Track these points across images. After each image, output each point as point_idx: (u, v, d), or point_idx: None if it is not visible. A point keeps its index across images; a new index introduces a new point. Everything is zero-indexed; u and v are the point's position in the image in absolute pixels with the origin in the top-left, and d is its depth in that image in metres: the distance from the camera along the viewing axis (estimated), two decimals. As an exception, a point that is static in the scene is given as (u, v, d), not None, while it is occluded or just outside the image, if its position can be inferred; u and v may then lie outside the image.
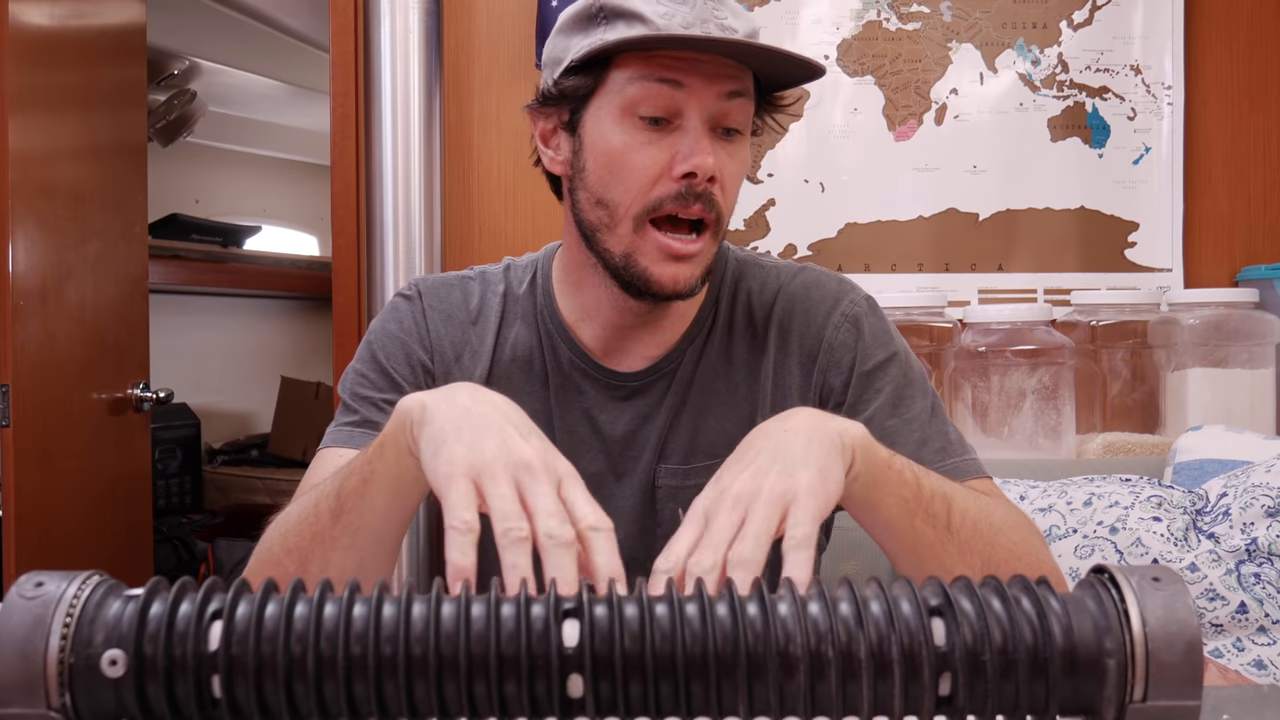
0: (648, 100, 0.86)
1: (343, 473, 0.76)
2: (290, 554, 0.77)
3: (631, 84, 0.86)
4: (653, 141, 0.86)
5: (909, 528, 0.75)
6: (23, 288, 1.81)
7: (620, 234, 0.89)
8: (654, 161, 0.86)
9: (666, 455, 0.96)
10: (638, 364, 0.97)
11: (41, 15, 1.91)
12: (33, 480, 1.83)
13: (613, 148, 0.88)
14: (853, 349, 0.95)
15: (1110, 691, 0.46)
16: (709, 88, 0.86)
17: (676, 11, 0.84)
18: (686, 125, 0.86)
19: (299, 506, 0.80)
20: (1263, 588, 1.40)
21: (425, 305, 1.00)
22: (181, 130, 3.59)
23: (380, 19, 1.84)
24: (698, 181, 0.85)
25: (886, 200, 2.03)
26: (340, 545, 0.75)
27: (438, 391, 0.70)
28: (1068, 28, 2.01)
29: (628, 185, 0.87)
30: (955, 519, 0.76)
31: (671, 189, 0.86)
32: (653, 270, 0.88)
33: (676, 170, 0.86)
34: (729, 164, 0.88)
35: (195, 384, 3.43)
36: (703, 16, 0.85)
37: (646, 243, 0.88)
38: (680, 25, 0.84)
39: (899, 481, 0.74)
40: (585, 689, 0.45)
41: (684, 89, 0.85)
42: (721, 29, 0.85)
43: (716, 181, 0.87)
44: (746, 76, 0.88)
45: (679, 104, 0.86)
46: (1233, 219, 2.02)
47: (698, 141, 0.85)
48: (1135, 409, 1.91)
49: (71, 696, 0.45)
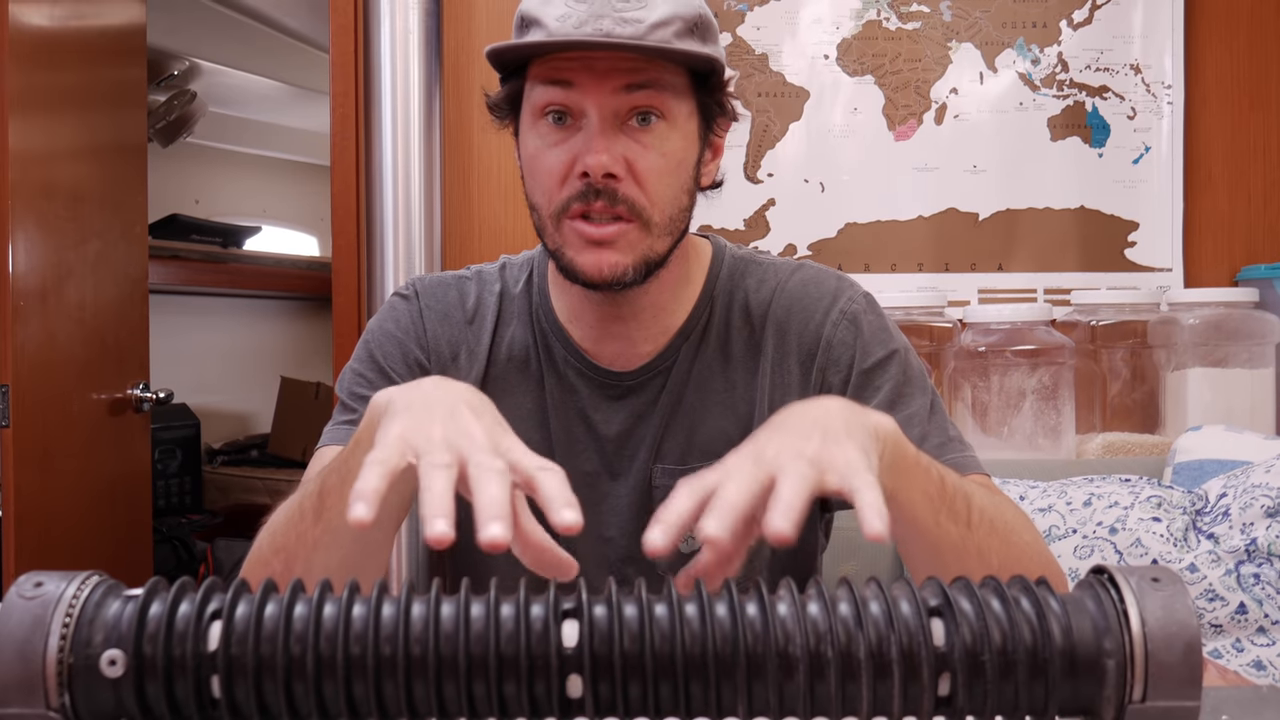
0: (547, 102, 0.88)
1: (325, 471, 0.76)
2: (278, 554, 0.77)
3: (535, 89, 0.89)
4: (558, 142, 0.88)
5: (933, 524, 0.74)
6: (23, 288, 1.81)
7: (549, 232, 0.91)
8: (558, 162, 0.88)
9: (662, 455, 0.96)
10: (632, 363, 0.97)
11: (41, 15, 1.91)
12: (33, 480, 1.83)
13: (529, 152, 0.91)
14: (852, 346, 0.95)
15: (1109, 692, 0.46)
16: (603, 85, 0.86)
17: (573, 13, 0.85)
18: (585, 124, 0.87)
19: (287, 505, 0.80)
20: (1262, 588, 1.40)
21: (422, 305, 1.01)
22: (181, 130, 3.59)
23: (380, 19, 1.84)
24: (594, 179, 0.86)
25: (886, 200, 2.03)
26: (322, 544, 0.75)
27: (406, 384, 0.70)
28: (1067, 27, 2.01)
29: (542, 188, 0.90)
30: (975, 517, 0.76)
31: (576, 188, 0.87)
32: (577, 260, 0.89)
33: (575, 169, 0.87)
34: (643, 155, 0.87)
35: (195, 384, 3.43)
36: (599, 12, 0.85)
37: (566, 234, 0.89)
38: (573, 25, 0.85)
39: (925, 477, 0.73)
40: (584, 689, 0.45)
41: (575, 88, 0.86)
42: (619, 21, 0.85)
43: (622, 178, 0.86)
44: (653, 66, 0.87)
45: (575, 103, 0.87)
46: (1233, 218, 2.02)
47: (589, 140, 0.86)
48: (1135, 409, 1.91)
49: (71, 696, 0.45)
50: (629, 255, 0.89)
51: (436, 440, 0.60)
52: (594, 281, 0.89)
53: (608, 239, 0.88)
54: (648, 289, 0.93)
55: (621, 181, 0.87)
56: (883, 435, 0.68)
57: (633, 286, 0.90)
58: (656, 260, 0.91)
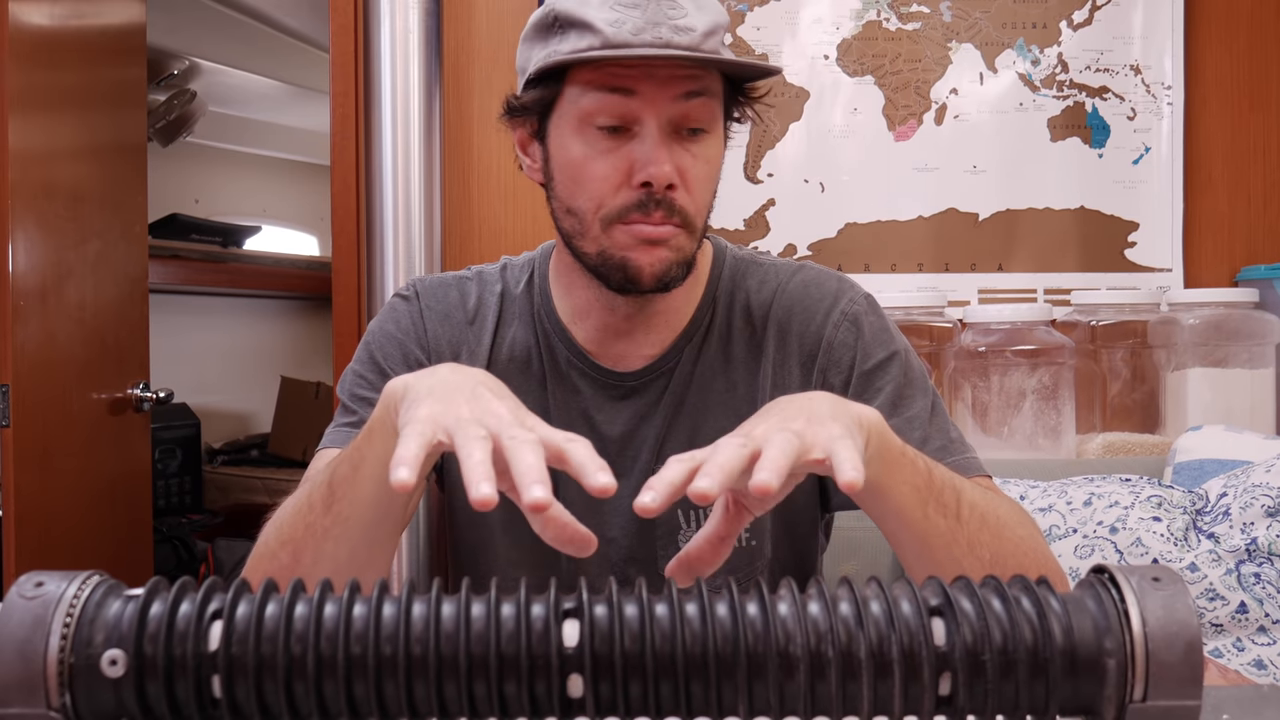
0: (602, 111, 0.86)
1: (335, 462, 0.76)
2: (285, 546, 0.77)
3: (585, 95, 0.87)
4: (611, 150, 0.87)
5: (921, 516, 0.74)
6: (23, 288, 1.81)
7: (592, 237, 0.90)
8: (614, 170, 0.87)
9: (665, 456, 0.96)
10: (635, 363, 0.97)
11: (41, 15, 1.91)
12: (33, 480, 1.83)
13: (573, 159, 0.89)
14: (853, 348, 0.95)
15: (1110, 691, 0.46)
16: (662, 92, 0.85)
17: (627, 18, 0.84)
18: (643, 133, 0.86)
19: (294, 499, 0.80)
20: (1263, 587, 1.40)
21: (423, 305, 1.01)
22: (181, 130, 3.59)
23: (380, 19, 1.84)
24: (656, 190, 0.86)
25: (886, 200, 2.03)
26: (331, 535, 0.75)
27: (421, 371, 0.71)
28: (1067, 28, 2.01)
29: (590, 194, 0.88)
30: (964, 510, 0.76)
31: (632, 197, 0.86)
32: (630, 256, 0.88)
33: (635, 179, 0.86)
34: (693, 165, 0.88)
35: (195, 384, 3.43)
36: (654, 19, 0.84)
37: (618, 236, 0.88)
38: (630, 32, 0.83)
39: (911, 469, 0.74)
40: (585, 689, 0.45)
41: (637, 96, 0.85)
42: (675, 30, 0.84)
43: (677, 187, 0.86)
44: (706, 75, 0.87)
45: (634, 111, 0.86)
46: (1233, 219, 2.02)
47: (653, 150, 0.85)
48: (1135, 409, 1.91)
49: (71, 696, 0.45)
50: (676, 255, 0.89)
51: (466, 418, 0.60)
52: (644, 279, 0.88)
53: (663, 237, 0.87)
54: (670, 293, 0.93)
55: (677, 192, 0.87)
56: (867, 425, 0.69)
57: (674, 288, 0.91)
58: (692, 262, 0.92)
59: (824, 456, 0.61)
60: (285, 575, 0.50)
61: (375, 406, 0.71)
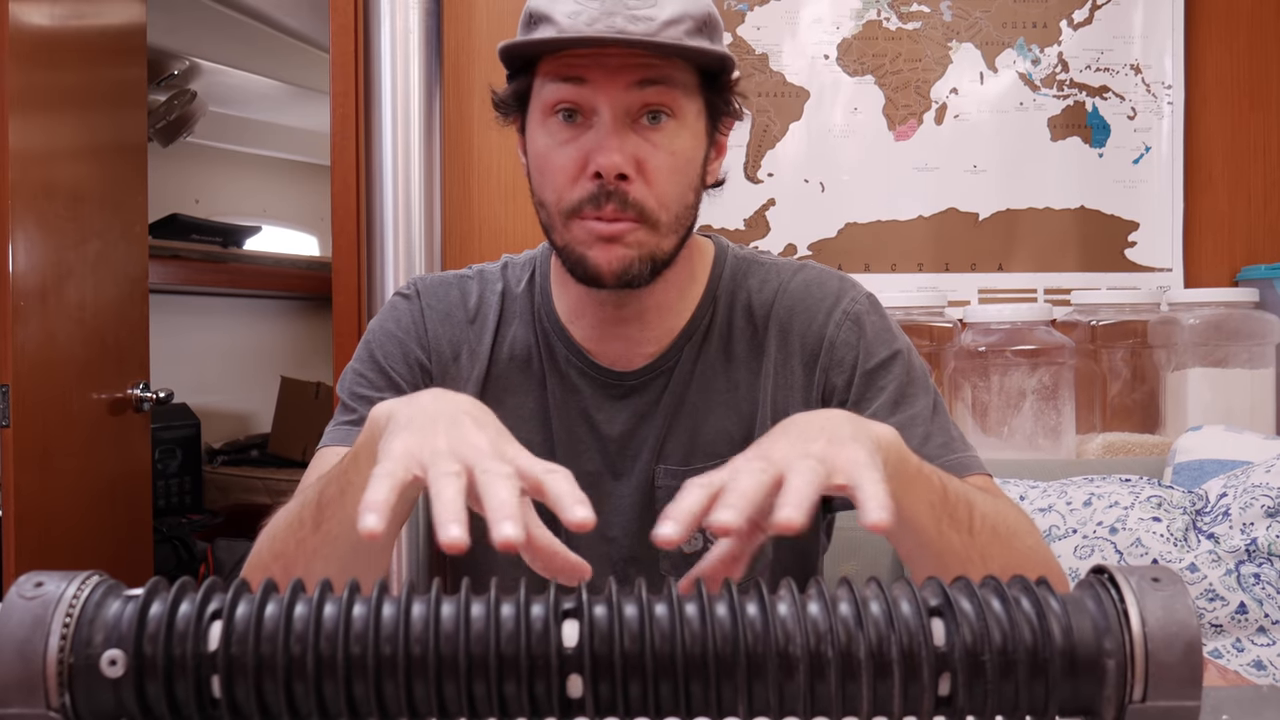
0: (559, 99, 0.87)
1: (325, 479, 0.76)
2: (277, 559, 0.77)
3: (546, 85, 0.88)
4: (569, 140, 0.88)
5: (936, 534, 0.74)
6: (23, 288, 1.81)
7: (557, 229, 0.90)
8: (570, 161, 0.87)
9: (665, 455, 0.96)
10: (635, 362, 0.97)
11: (41, 15, 1.91)
12: (33, 480, 1.83)
13: (539, 150, 0.90)
14: (855, 347, 0.95)
15: (1110, 692, 0.46)
16: (614, 81, 0.85)
17: (584, 9, 0.85)
18: (596, 122, 0.87)
19: (287, 511, 0.80)
20: (1262, 588, 1.40)
21: (423, 304, 1.00)
22: (181, 130, 3.59)
23: (380, 19, 1.84)
24: (606, 180, 0.86)
25: (886, 200, 2.03)
26: (321, 554, 0.75)
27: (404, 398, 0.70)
28: (1068, 27, 2.01)
29: (552, 185, 0.89)
30: (977, 523, 0.76)
31: (587, 189, 0.87)
32: (588, 255, 0.88)
33: (588, 170, 0.86)
34: (653, 154, 0.87)
35: (195, 384, 3.43)
36: (610, 10, 0.85)
37: (576, 231, 0.89)
38: (585, 22, 0.84)
39: (927, 486, 0.73)
40: (585, 689, 0.45)
41: (588, 84, 0.86)
42: (631, 19, 0.84)
43: (633, 179, 0.86)
44: (665, 64, 0.87)
45: (586, 99, 0.86)
46: (1233, 218, 2.02)
47: (603, 138, 0.86)
48: (1135, 409, 1.91)
49: (71, 696, 0.45)
50: (635, 252, 0.88)
51: (442, 451, 0.60)
52: (603, 276, 0.88)
53: (617, 234, 0.87)
54: (653, 289, 0.93)
55: (632, 183, 0.86)
56: (885, 444, 0.68)
57: (640, 285, 0.90)
58: (664, 259, 0.91)
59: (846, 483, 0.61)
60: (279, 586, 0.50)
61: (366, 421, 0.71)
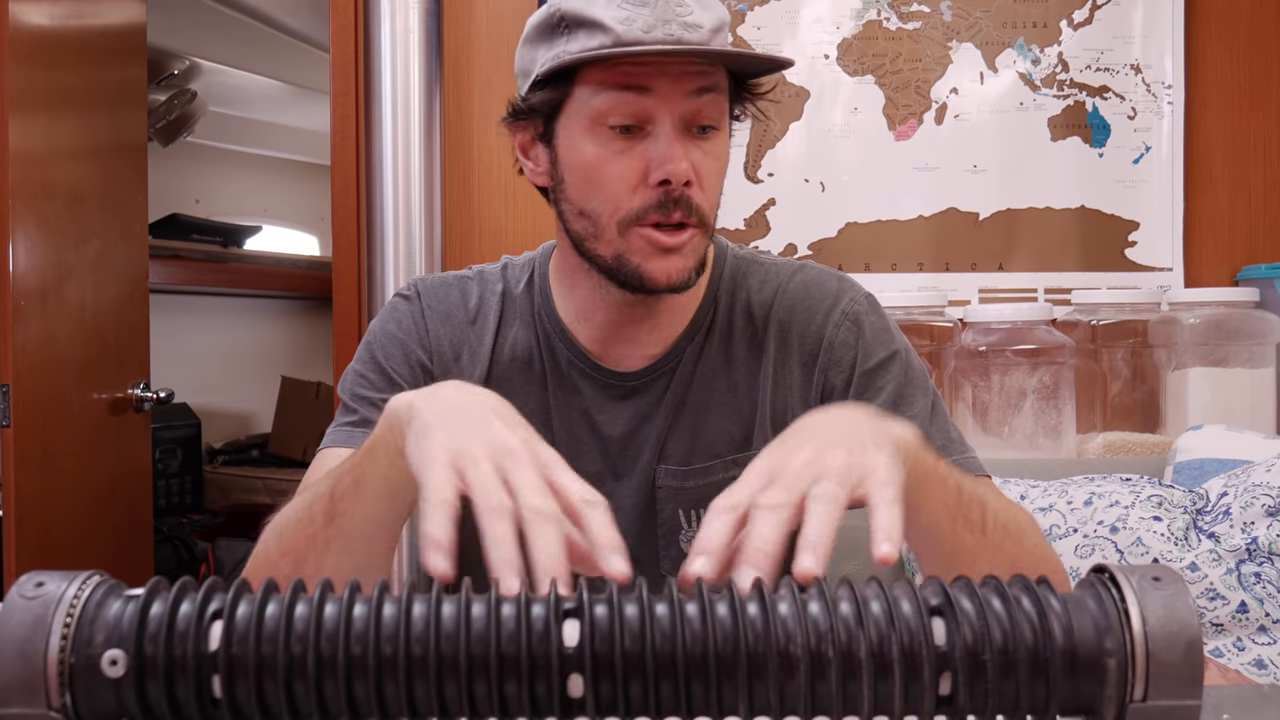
0: (616, 110, 0.85)
1: (336, 473, 0.76)
2: (285, 555, 0.77)
3: (598, 94, 0.85)
4: (626, 150, 0.86)
5: (951, 533, 0.74)
6: (23, 288, 1.81)
7: (607, 239, 0.89)
8: (630, 170, 0.86)
9: (666, 456, 0.96)
10: (636, 363, 0.97)
11: (41, 15, 1.90)
12: (33, 480, 1.83)
13: (586, 160, 0.87)
14: (854, 347, 0.95)
15: (1110, 691, 0.46)
16: (675, 89, 0.84)
17: (637, 15, 0.83)
18: (657, 131, 0.85)
19: (294, 507, 0.79)
20: (1263, 587, 1.40)
21: (424, 305, 1.00)
22: (181, 130, 3.59)
23: (380, 19, 1.84)
24: (674, 188, 0.85)
25: (886, 200, 2.03)
26: (333, 547, 0.75)
27: (424, 389, 0.70)
28: (1068, 27, 2.01)
29: (606, 196, 0.87)
30: (989, 522, 0.76)
31: (650, 197, 0.86)
32: (645, 266, 0.88)
33: (652, 178, 0.85)
34: (705, 162, 0.87)
35: (195, 384, 3.43)
36: (664, 16, 0.83)
37: (634, 241, 0.88)
38: (641, 29, 0.83)
39: (943, 487, 0.73)
40: (585, 689, 0.45)
41: (650, 94, 0.84)
42: (684, 26, 0.84)
43: (694, 184, 0.86)
44: (716, 71, 0.87)
45: (647, 110, 0.85)
46: (1233, 218, 2.02)
47: (669, 147, 0.84)
48: (1135, 409, 1.91)
49: (72, 696, 0.45)
50: (691, 259, 0.89)
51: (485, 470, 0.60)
52: (660, 288, 0.88)
53: (678, 245, 0.87)
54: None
55: (693, 189, 0.86)
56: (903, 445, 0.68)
57: (687, 290, 0.91)
58: (705, 263, 0.92)
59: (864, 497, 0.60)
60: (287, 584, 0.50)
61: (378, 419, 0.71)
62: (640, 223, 0.87)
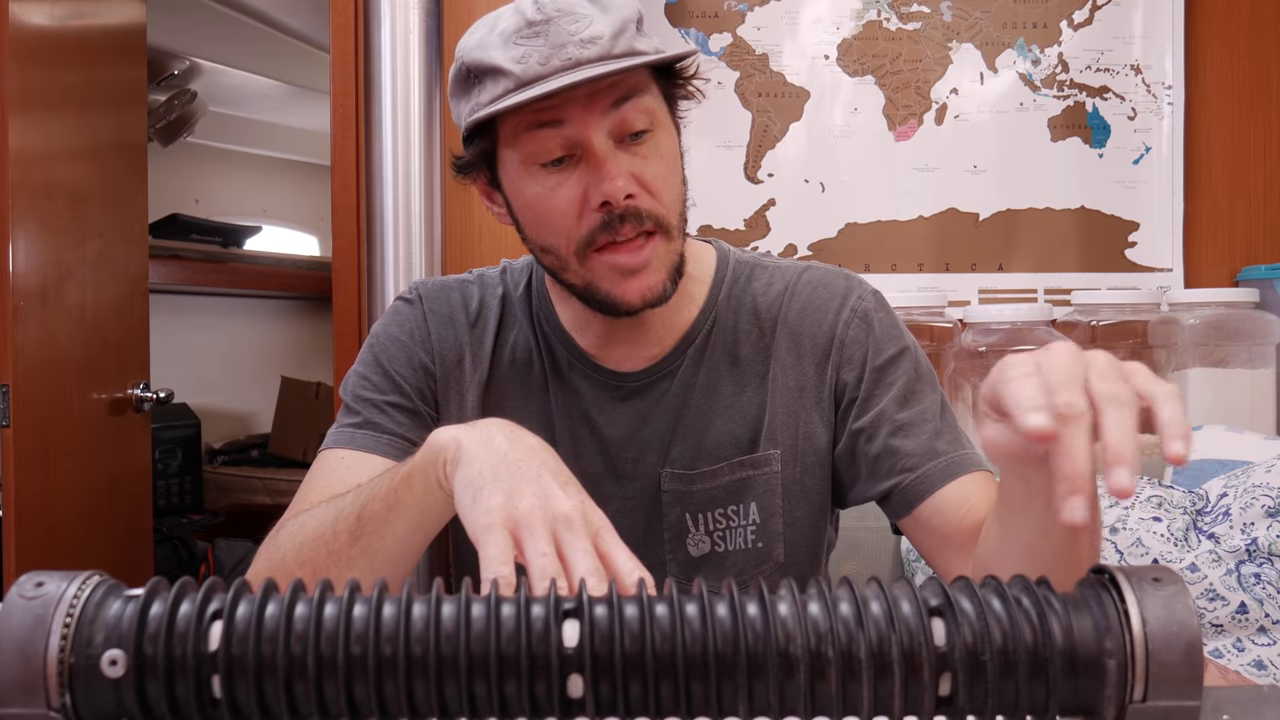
0: (540, 149, 0.86)
1: (364, 495, 0.76)
2: (304, 566, 0.77)
3: (519, 138, 0.86)
4: (562, 182, 0.86)
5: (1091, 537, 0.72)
6: (23, 288, 1.81)
7: (573, 269, 0.89)
8: (569, 201, 0.86)
9: (671, 459, 0.96)
10: (637, 364, 0.97)
11: (41, 15, 1.90)
12: (33, 480, 1.83)
13: (530, 200, 0.88)
14: (864, 344, 0.95)
15: (1110, 691, 0.46)
16: (590, 111, 0.84)
17: (532, 50, 0.83)
18: (585, 155, 0.85)
19: (316, 520, 0.79)
20: (1263, 588, 1.40)
21: (426, 308, 1.01)
22: (181, 130, 3.59)
23: (380, 19, 1.84)
24: (615, 206, 0.85)
25: (887, 200, 2.03)
26: (357, 565, 0.75)
27: (473, 429, 0.70)
28: (1068, 27, 2.01)
29: (557, 230, 0.88)
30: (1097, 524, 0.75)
31: (595, 220, 0.86)
32: (614, 292, 0.88)
33: (591, 203, 0.85)
34: (646, 166, 0.87)
35: (195, 384, 3.43)
36: (557, 42, 0.83)
37: (597, 268, 0.88)
38: (538, 63, 0.83)
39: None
40: (585, 689, 0.45)
41: (567, 124, 0.84)
42: (581, 44, 0.83)
43: (638, 195, 0.86)
44: (629, 76, 0.86)
45: (570, 139, 0.85)
46: (1233, 219, 2.02)
47: (599, 169, 0.84)
48: (1135, 409, 1.91)
49: (71, 696, 0.45)
50: (661, 272, 0.89)
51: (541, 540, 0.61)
52: (633, 307, 0.88)
53: (641, 264, 0.87)
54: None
55: (639, 199, 0.86)
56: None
57: (666, 301, 0.90)
58: (680, 263, 0.91)
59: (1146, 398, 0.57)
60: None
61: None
62: (595, 247, 0.87)
